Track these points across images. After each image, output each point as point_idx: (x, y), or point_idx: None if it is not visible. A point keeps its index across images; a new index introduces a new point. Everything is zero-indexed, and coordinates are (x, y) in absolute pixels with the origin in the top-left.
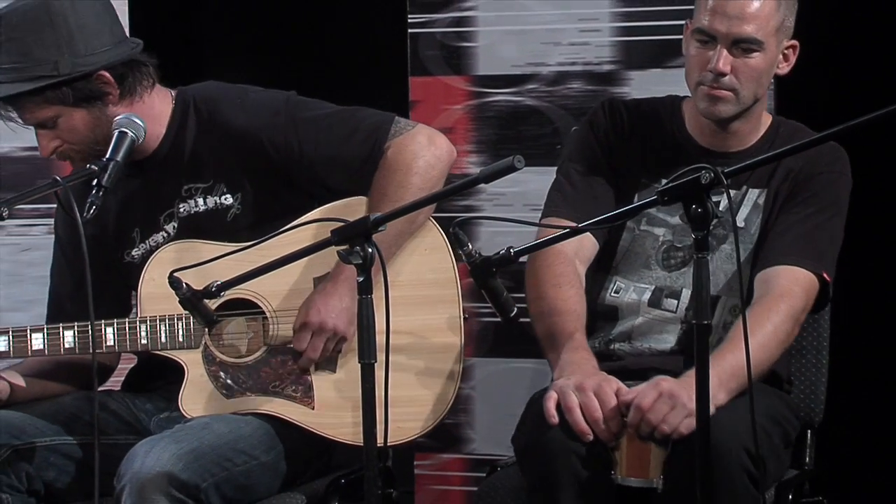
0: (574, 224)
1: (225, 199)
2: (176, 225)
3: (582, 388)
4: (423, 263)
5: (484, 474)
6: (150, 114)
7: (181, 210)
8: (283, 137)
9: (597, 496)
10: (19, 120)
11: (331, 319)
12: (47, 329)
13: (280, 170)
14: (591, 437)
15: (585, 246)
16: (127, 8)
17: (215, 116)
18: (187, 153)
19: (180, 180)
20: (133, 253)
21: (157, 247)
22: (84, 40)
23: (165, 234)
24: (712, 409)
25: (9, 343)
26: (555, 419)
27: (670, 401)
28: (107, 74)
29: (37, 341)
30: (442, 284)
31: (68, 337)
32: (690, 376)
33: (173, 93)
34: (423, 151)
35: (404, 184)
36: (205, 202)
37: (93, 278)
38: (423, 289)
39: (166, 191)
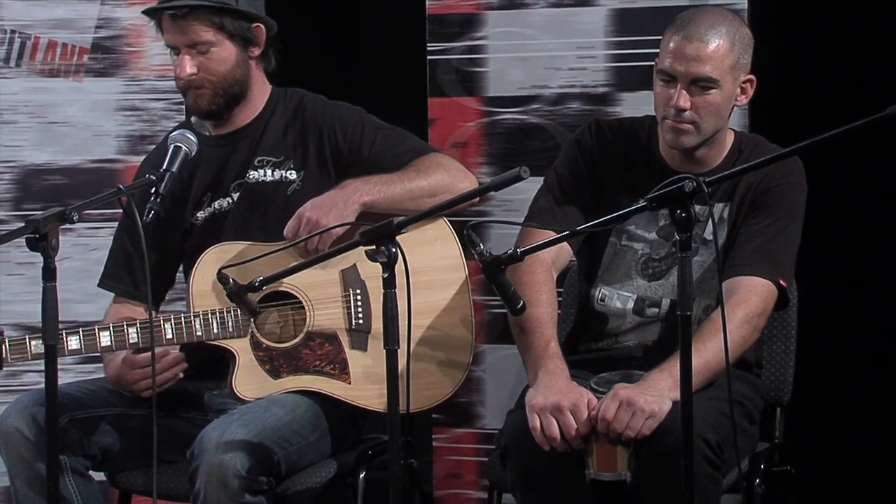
0: (553, 234)
1: (290, 173)
2: (240, 193)
3: (559, 408)
4: (434, 251)
5: (493, 447)
6: (260, 88)
7: (250, 177)
8: (351, 130)
9: (572, 489)
10: (171, 35)
11: (315, 213)
12: (113, 327)
13: (341, 159)
14: (566, 448)
15: (562, 256)
16: None
17: (301, 104)
18: (269, 131)
19: (257, 152)
20: (198, 214)
21: (220, 212)
22: (255, 3)
23: (230, 201)
24: (670, 404)
25: (80, 341)
26: (546, 447)
27: (630, 408)
28: (263, 28)
29: (105, 338)
30: (452, 269)
31: (132, 333)
32: (649, 380)
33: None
34: (451, 168)
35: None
36: (272, 174)
37: (157, 239)
38: (436, 273)
39: (244, 160)
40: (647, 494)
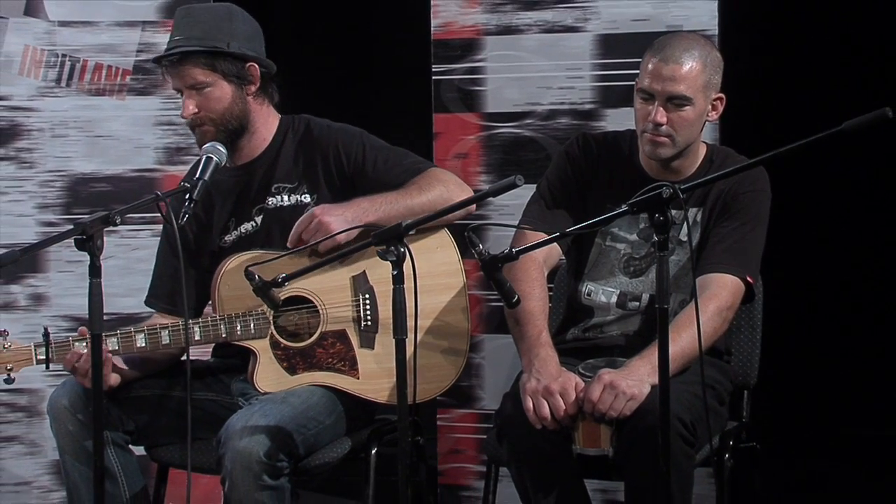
0: (544, 235)
1: (304, 197)
2: (263, 216)
3: (550, 392)
4: (435, 258)
5: (491, 425)
6: (265, 120)
7: (269, 203)
8: (355, 152)
9: (560, 463)
10: (173, 79)
11: (326, 216)
12: (147, 330)
13: (348, 178)
14: (556, 426)
15: (552, 255)
16: None
17: (308, 132)
18: (282, 159)
19: (273, 180)
20: (226, 238)
21: (247, 234)
22: (248, 41)
23: (253, 224)
24: (649, 388)
25: (118, 342)
26: (539, 425)
27: (613, 391)
28: (257, 67)
29: (140, 340)
30: (451, 274)
31: (164, 335)
32: (630, 366)
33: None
34: (449, 181)
35: (414, 195)
36: (289, 199)
37: (187, 264)
38: (437, 278)
39: (261, 188)
40: (628, 468)
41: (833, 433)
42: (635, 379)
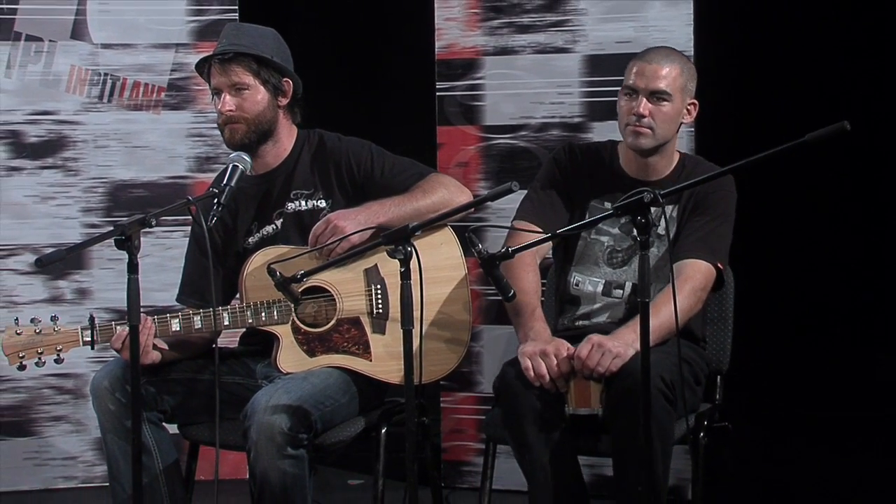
0: (537, 227)
1: (320, 202)
2: (283, 220)
3: (545, 353)
4: (439, 253)
5: (489, 407)
6: (288, 132)
7: (288, 208)
8: (364, 161)
9: (552, 423)
10: (217, 77)
11: (341, 221)
12: (181, 315)
13: (359, 184)
14: (552, 386)
15: (543, 246)
16: None
17: (321, 144)
18: (299, 168)
19: (291, 187)
20: (249, 240)
21: (268, 236)
22: (287, 62)
23: (274, 227)
24: (632, 351)
25: (154, 326)
26: (536, 384)
27: (600, 349)
28: (291, 84)
29: (175, 325)
30: (454, 268)
31: (196, 320)
32: (616, 333)
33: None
34: (450, 185)
35: (419, 198)
36: (306, 204)
37: (215, 263)
38: (441, 271)
39: (281, 194)
40: (615, 424)
41: (799, 414)
42: (621, 342)
